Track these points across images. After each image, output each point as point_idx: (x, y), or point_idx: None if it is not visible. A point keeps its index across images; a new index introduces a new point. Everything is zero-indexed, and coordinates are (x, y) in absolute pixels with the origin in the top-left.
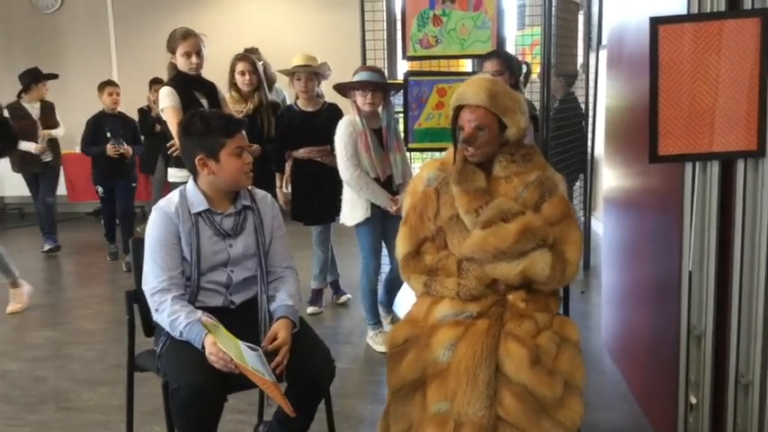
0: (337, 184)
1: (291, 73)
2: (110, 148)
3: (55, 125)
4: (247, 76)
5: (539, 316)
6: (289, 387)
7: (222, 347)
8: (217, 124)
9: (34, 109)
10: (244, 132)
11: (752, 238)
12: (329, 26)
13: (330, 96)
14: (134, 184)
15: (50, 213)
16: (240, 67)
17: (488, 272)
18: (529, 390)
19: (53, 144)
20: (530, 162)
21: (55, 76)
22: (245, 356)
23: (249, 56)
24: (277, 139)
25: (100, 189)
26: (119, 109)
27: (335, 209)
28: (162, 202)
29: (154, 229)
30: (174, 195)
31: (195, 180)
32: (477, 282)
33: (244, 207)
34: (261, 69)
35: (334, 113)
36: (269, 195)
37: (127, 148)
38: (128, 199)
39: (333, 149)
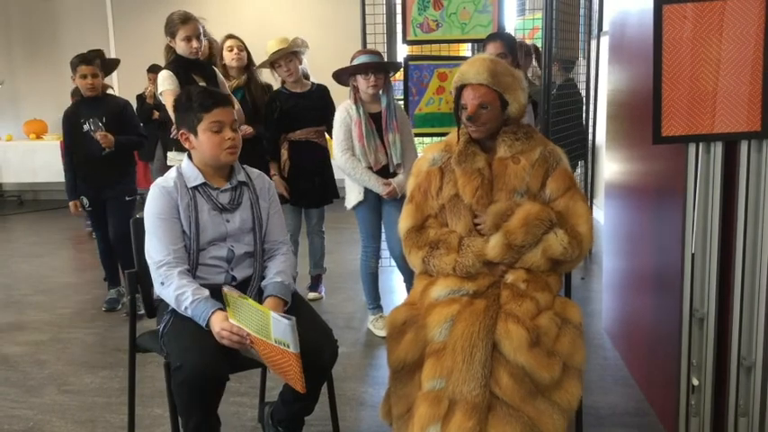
0: (331, 166)
1: (271, 62)
2: (102, 137)
3: None
4: (236, 51)
5: (540, 296)
6: None
7: (237, 323)
8: (196, 99)
9: None
10: (228, 108)
11: (755, 220)
12: (329, 12)
13: (316, 77)
14: (128, 198)
15: None
16: (229, 43)
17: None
18: (526, 371)
19: None
20: (532, 139)
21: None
22: (270, 327)
23: (238, 36)
24: (270, 125)
25: (86, 201)
26: (110, 91)
27: (333, 190)
28: (160, 180)
29: (153, 205)
30: (171, 172)
31: (190, 156)
32: (475, 259)
33: (239, 183)
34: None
35: (323, 94)
36: (264, 174)
37: (104, 134)
38: (120, 218)
39: (327, 130)
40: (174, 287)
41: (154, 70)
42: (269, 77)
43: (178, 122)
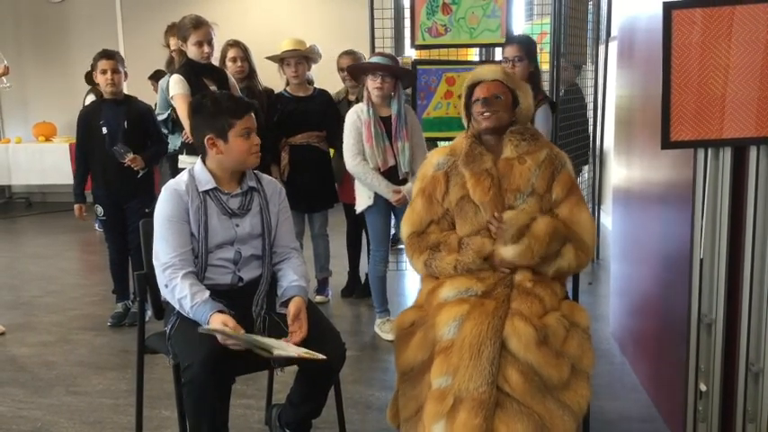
0: (332, 170)
1: (281, 59)
2: (132, 161)
3: None
4: (239, 63)
5: (546, 297)
6: (300, 371)
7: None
8: (227, 105)
9: None
10: (253, 114)
11: (764, 225)
12: (337, 16)
13: (320, 83)
14: (147, 210)
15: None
16: (231, 53)
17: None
18: (535, 369)
19: None
20: (537, 141)
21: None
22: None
23: (241, 42)
24: (272, 128)
25: (100, 209)
26: (125, 91)
27: (334, 194)
28: (172, 182)
29: (164, 207)
30: (183, 175)
31: (204, 160)
32: (475, 255)
33: (250, 188)
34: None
35: (325, 99)
36: (276, 181)
37: (134, 158)
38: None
39: (328, 135)
40: (177, 290)
41: (156, 77)
42: (270, 79)
43: (201, 128)
